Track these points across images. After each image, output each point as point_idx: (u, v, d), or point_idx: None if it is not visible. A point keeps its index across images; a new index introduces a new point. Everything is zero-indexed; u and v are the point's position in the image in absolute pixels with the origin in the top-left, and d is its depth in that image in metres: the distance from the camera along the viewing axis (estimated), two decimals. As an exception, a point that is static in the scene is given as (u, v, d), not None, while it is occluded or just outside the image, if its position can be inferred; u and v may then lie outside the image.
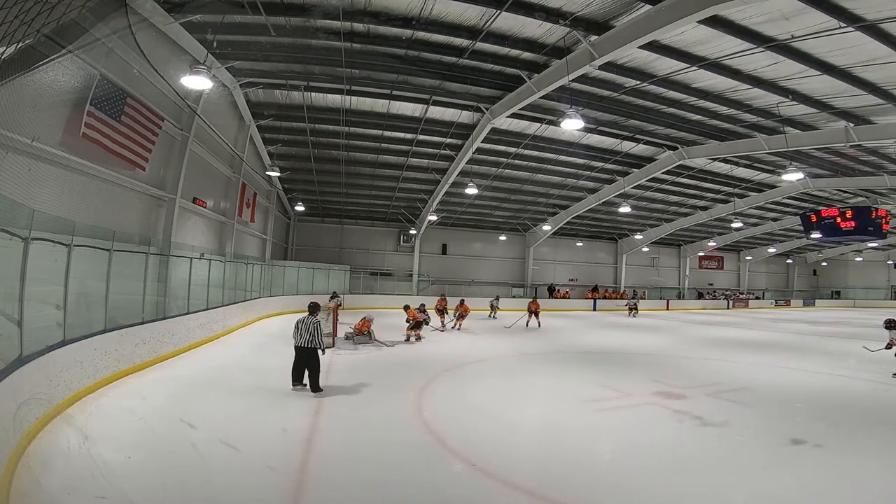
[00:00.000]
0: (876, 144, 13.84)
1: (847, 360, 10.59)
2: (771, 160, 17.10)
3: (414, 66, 11.02)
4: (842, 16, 7.83)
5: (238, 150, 14.40)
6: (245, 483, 3.65)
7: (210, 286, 10.85)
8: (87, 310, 6.48)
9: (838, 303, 39.76)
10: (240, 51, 10.62)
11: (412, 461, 4.23)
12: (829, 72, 9.81)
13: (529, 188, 21.51)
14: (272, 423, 5.01)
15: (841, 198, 22.57)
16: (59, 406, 4.89)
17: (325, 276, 22.08)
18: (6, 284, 4.52)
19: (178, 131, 10.77)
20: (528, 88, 11.06)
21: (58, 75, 6.50)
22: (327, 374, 7.71)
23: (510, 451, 4.51)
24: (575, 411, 6.06)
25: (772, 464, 4.32)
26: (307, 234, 26.54)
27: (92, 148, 7.63)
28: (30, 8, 4.46)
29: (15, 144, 5.68)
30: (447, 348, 10.89)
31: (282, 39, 10.02)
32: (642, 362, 9.83)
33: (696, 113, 13.16)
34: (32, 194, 5.74)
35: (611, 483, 3.90)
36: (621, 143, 16.00)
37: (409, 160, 18.04)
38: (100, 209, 8.01)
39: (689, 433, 5.23)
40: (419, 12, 8.89)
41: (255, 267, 15.69)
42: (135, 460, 3.92)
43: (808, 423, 5.66)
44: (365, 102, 13.60)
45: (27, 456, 3.81)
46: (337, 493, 3.58)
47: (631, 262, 33.03)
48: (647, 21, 8.06)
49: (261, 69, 11.84)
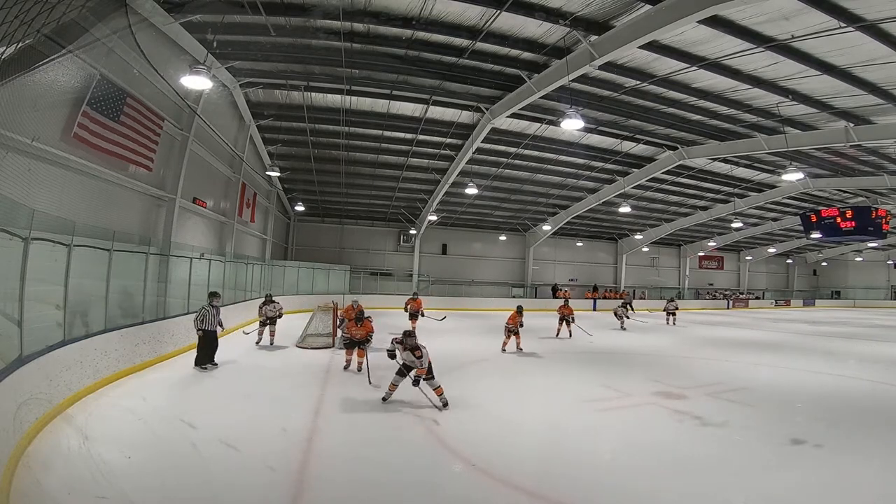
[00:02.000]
0: (876, 144, 13.84)
1: (847, 360, 10.59)
2: (771, 160, 17.10)
3: (414, 66, 11.02)
4: (842, 16, 7.83)
5: (238, 150, 14.40)
6: (245, 483, 3.65)
7: (210, 286, 10.84)
8: (87, 310, 6.48)
9: (838, 303, 39.75)
10: (240, 51, 10.62)
11: (412, 461, 4.23)
12: (829, 72, 9.81)
13: (529, 188, 21.51)
14: (272, 423, 5.00)
15: (841, 198, 22.57)
16: (59, 406, 4.89)
17: (325, 276, 22.07)
18: (6, 284, 4.52)
19: (178, 131, 10.77)
20: (528, 88, 11.06)
21: (58, 75, 6.50)
22: (327, 373, 7.71)
23: (510, 451, 4.50)
24: (575, 411, 6.06)
25: (772, 464, 4.32)
26: (307, 234, 26.54)
27: (90, 148, 7.62)
28: (30, 8, 4.46)
29: (15, 144, 5.68)
30: (447, 348, 10.88)
31: (282, 39, 10.02)
32: (642, 362, 9.83)
33: (696, 113, 13.16)
34: (32, 194, 5.74)
35: (611, 483, 3.89)
36: (621, 143, 16.00)
37: (409, 160, 18.04)
38: (100, 209, 8.01)
39: (689, 433, 5.23)
40: (419, 12, 8.89)
41: (255, 267, 15.69)
42: (135, 460, 3.91)
43: (808, 423, 5.66)
44: (365, 102, 13.60)
45: (27, 456, 3.81)
46: (337, 493, 3.58)
47: (631, 262, 33.04)
48: (647, 21, 8.06)
49: (261, 69, 11.84)
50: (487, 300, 25.60)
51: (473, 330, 14.73)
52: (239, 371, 7.64)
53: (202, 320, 7.40)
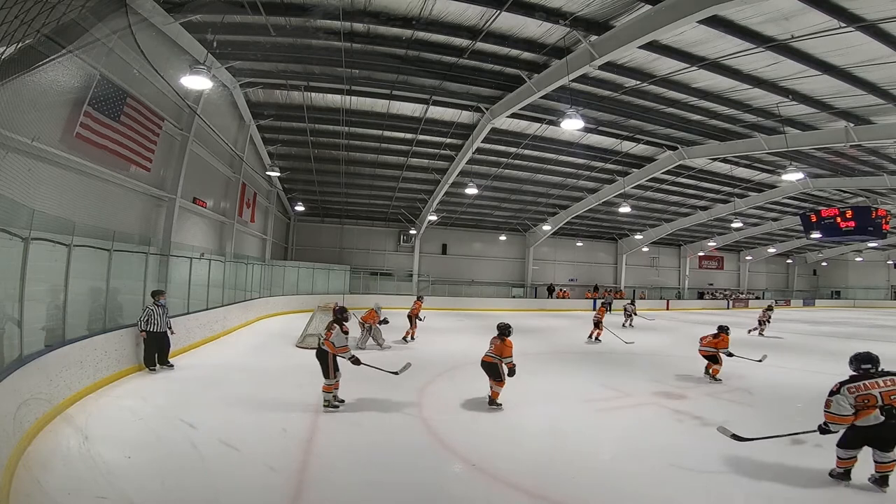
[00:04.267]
0: (876, 144, 13.83)
1: (847, 360, 10.57)
2: (771, 160, 17.10)
3: (414, 66, 11.02)
4: (842, 16, 7.83)
5: (238, 150, 14.40)
6: (245, 483, 3.65)
7: (210, 286, 10.85)
8: (88, 310, 6.48)
9: (838, 303, 39.74)
10: (240, 51, 10.62)
11: (412, 461, 4.23)
12: (829, 72, 9.81)
13: (529, 188, 21.51)
14: (272, 423, 5.00)
15: (841, 198, 22.57)
16: (59, 406, 4.89)
17: (325, 276, 22.08)
18: (6, 284, 4.52)
19: (178, 131, 10.77)
20: (528, 88, 11.06)
21: (58, 75, 6.50)
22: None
23: (510, 451, 4.51)
24: (575, 411, 6.06)
25: (771, 464, 4.32)
26: (307, 234, 26.54)
27: (92, 148, 7.63)
28: (30, 8, 4.46)
29: (15, 144, 5.68)
30: (447, 348, 10.88)
31: (282, 39, 10.01)
32: (642, 362, 9.83)
33: (696, 113, 13.16)
34: (32, 194, 5.74)
35: (611, 483, 3.89)
36: (621, 143, 16.00)
37: (409, 160, 18.04)
38: (100, 209, 8.01)
39: (689, 433, 5.23)
40: (419, 12, 8.89)
41: (255, 267, 15.69)
42: (135, 460, 3.91)
43: (808, 424, 5.64)
44: (365, 102, 13.60)
45: (27, 456, 3.81)
46: (337, 494, 3.58)
47: (631, 262, 33.04)
48: (647, 21, 8.06)
49: (261, 69, 11.84)
50: (487, 300, 25.62)
51: (473, 330, 14.73)
52: (239, 371, 7.64)
53: (147, 321, 6.93)
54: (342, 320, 5.79)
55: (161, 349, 7.22)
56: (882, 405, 3.63)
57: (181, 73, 8.65)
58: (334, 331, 5.58)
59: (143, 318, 6.97)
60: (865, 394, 3.69)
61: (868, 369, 3.91)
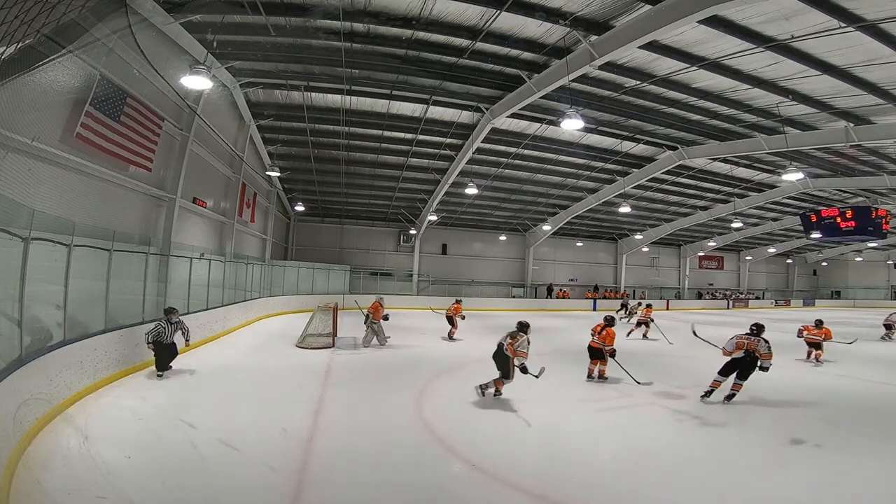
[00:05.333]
0: (876, 144, 13.83)
1: (847, 360, 10.59)
2: (771, 160, 17.10)
3: (414, 66, 11.02)
4: (842, 16, 7.83)
5: (238, 150, 14.40)
6: (245, 483, 3.65)
7: (210, 286, 10.85)
8: (88, 309, 6.48)
9: (838, 303, 39.73)
10: (240, 51, 10.61)
11: (412, 461, 4.23)
12: (829, 72, 9.81)
13: (529, 188, 21.50)
14: (272, 423, 5.00)
15: (841, 198, 22.57)
16: (59, 406, 4.89)
17: (325, 276, 22.08)
18: (6, 284, 4.52)
19: (178, 131, 10.77)
20: (528, 88, 11.06)
21: (58, 75, 6.50)
22: (327, 373, 7.72)
23: (510, 451, 4.51)
24: (575, 411, 6.07)
25: (772, 464, 4.32)
26: (307, 234, 26.54)
27: (92, 148, 7.63)
28: (30, 8, 4.46)
29: (15, 144, 5.68)
30: (447, 348, 10.88)
31: (282, 39, 10.01)
32: (642, 362, 9.82)
33: (696, 113, 13.15)
34: (32, 194, 5.74)
35: (610, 483, 3.90)
36: (621, 143, 15.99)
37: (409, 160, 18.03)
38: (100, 209, 8.01)
39: (689, 433, 5.24)
40: (419, 12, 8.89)
41: (255, 267, 15.69)
42: (135, 460, 3.92)
43: (808, 423, 5.66)
44: (365, 102, 13.59)
45: (27, 456, 3.81)
46: (337, 494, 3.58)
47: (631, 262, 33.03)
48: (647, 21, 8.06)
49: (261, 69, 11.83)
50: (487, 300, 25.61)
51: (473, 330, 14.72)
52: (239, 371, 7.64)
53: (157, 334, 6.82)
54: (527, 331, 6.59)
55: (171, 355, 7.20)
56: (745, 349, 6.31)
57: (181, 73, 8.65)
58: (520, 339, 6.25)
59: (154, 333, 6.81)
60: (740, 341, 6.36)
61: (751, 331, 6.48)
